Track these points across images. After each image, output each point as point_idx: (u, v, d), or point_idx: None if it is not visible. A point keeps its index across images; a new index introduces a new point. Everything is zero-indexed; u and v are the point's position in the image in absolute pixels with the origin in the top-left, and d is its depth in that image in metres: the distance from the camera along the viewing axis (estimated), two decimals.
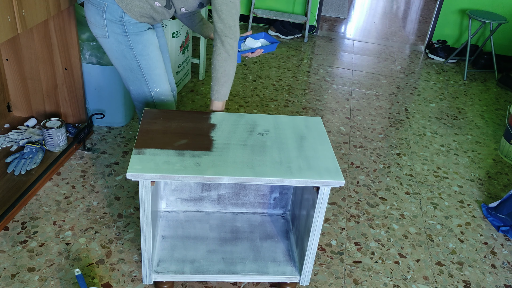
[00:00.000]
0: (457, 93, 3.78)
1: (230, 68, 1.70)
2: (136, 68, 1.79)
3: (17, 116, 2.57)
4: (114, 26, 1.71)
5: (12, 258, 1.81)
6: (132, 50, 1.75)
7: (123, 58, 1.77)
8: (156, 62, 1.81)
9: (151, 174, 1.37)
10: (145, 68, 1.79)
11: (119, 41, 1.74)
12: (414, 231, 2.20)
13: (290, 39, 4.52)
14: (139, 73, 1.81)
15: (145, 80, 1.82)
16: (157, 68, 1.82)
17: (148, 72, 1.81)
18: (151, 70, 1.81)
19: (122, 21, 1.70)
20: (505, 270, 2.04)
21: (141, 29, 1.75)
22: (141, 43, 1.75)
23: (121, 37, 1.73)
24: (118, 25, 1.71)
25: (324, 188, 1.47)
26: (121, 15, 1.69)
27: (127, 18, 1.70)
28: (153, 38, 1.79)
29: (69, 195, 2.16)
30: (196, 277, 1.65)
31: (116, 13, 1.69)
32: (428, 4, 6.66)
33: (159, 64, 1.82)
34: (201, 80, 3.45)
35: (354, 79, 3.80)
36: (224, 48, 1.66)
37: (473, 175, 2.69)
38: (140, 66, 1.79)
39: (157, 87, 1.85)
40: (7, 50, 2.36)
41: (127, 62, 1.78)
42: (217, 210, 1.95)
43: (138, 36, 1.74)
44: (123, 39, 1.73)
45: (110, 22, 1.70)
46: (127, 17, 1.70)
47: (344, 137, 2.92)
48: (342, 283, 1.87)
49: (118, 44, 1.75)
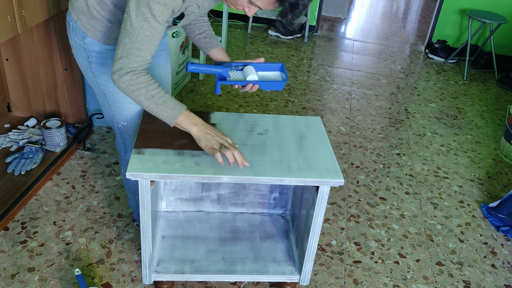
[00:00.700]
0: (457, 93, 3.78)
1: (140, 88, 1.34)
2: (102, 96, 1.58)
3: (17, 116, 2.57)
4: (80, 49, 1.51)
5: (12, 258, 1.81)
6: (96, 78, 1.54)
7: (91, 82, 1.58)
8: (124, 97, 1.54)
9: (150, 173, 1.37)
10: (110, 98, 1.57)
11: (85, 65, 1.54)
12: (414, 231, 2.20)
13: (290, 39, 4.53)
14: (105, 102, 1.60)
15: (111, 110, 1.60)
16: (125, 103, 1.56)
17: (114, 104, 1.58)
18: (118, 104, 1.57)
19: (85, 43, 1.48)
20: (505, 270, 2.04)
21: (108, 60, 1.50)
22: (105, 74, 1.51)
23: (86, 62, 1.53)
24: (82, 49, 1.50)
25: (324, 187, 1.47)
26: (83, 35, 1.47)
27: (89, 40, 1.47)
28: None
29: (69, 195, 2.16)
30: (196, 277, 1.65)
31: (79, 34, 1.48)
32: (428, 4, 6.66)
33: (128, 99, 1.54)
34: (201, 80, 3.45)
35: (354, 79, 3.80)
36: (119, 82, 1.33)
37: (473, 175, 2.69)
38: (105, 95, 1.57)
39: (124, 121, 1.61)
40: (7, 50, 2.36)
41: (95, 87, 1.59)
42: (217, 210, 1.95)
43: (102, 66, 1.51)
44: (87, 65, 1.53)
45: (76, 44, 1.51)
46: (89, 39, 1.47)
47: (344, 137, 2.92)
48: (342, 283, 1.87)
49: (85, 68, 1.55)
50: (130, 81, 1.31)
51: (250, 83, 1.53)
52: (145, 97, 1.34)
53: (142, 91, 1.33)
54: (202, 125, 1.42)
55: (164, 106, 1.36)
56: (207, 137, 1.41)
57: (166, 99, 1.36)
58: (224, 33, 3.63)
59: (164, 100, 1.36)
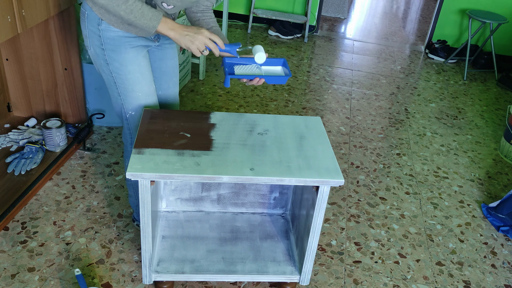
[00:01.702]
0: (457, 93, 3.78)
1: (120, 4, 1.43)
2: (112, 84, 1.65)
3: (17, 116, 2.57)
4: (94, 37, 1.58)
5: (12, 258, 1.81)
6: (108, 65, 1.61)
7: (102, 72, 1.65)
8: (134, 85, 1.63)
9: (150, 173, 1.37)
10: (120, 87, 1.64)
11: (97, 53, 1.61)
12: (414, 231, 2.20)
13: (290, 39, 4.53)
14: (115, 91, 1.66)
15: (121, 100, 1.67)
16: (134, 91, 1.64)
17: (124, 93, 1.65)
18: (127, 92, 1.64)
19: (99, 30, 1.56)
20: (505, 270, 2.04)
21: (121, 46, 1.58)
22: (117, 61, 1.60)
23: (99, 50, 1.60)
24: (97, 36, 1.57)
25: (324, 187, 1.47)
26: (98, 22, 1.55)
27: (104, 26, 1.55)
28: (136, 58, 1.62)
29: (69, 195, 2.16)
30: (196, 277, 1.65)
31: (94, 21, 1.55)
32: (428, 4, 6.66)
33: (137, 87, 1.64)
34: (201, 80, 3.45)
35: (354, 79, 3.80)
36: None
37: (473, 175, 2.69)
38: (116, 83, 1.64)
39: (133, 111, 1.68)
40: (7, 50, 2.36)
41: (105, 76, 1.65)
42: (217, 210, 1.95)
43: (114, 53, 1.59)
44: (100, 52, 1.60)
45: (91, 32, 1.58)
46: (104, 25, 1.55)
47: (344, 137, 2.92)
48: (342, 283, 1.87)
49: (97, 57, 1.62)
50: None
51: (257, 77, 1.58)
52: (124, 12, 1.44)
53: (122, 6, 1.43)
54: (178, 28, 1.52)
55: (143, 19, 1.46)
56: (185, 38, 1.52)
57: (144, 10, 1.46)
58: (224, 33, 3.63)
59: (142, 12, 1.45)
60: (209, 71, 3.61)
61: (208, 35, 1.52)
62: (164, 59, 1.78)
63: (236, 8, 4.78)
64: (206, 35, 1.52)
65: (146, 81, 1.66)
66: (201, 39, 1.51)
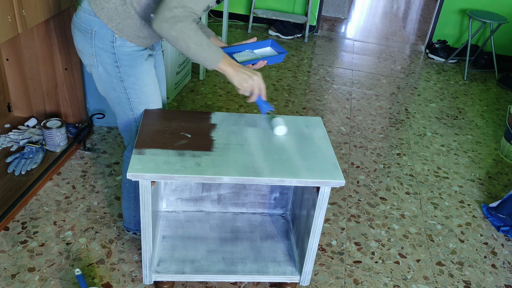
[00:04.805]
0: (457, 93, 3.78)
1: (191, 35, 1.39)
2: (125, 101, 1.60)
3: (17, 116, 2.57)
4: (104, 55, 1.51)
5: (13, 258, 1.81)
6: (123, 82, 1.55)
7: (111, 90, 1.58)
8: (150, 97, 1.62)
9: (151, 174, 1.37)
10: (135, 102, 1.60)
11: (108, 72, 1.53)
12: (414, 231, 2.20)
13: (290, 39, 4.53)
14: (127, 107, 1.61)
15: (133, 115, 1.63)
16: (150, 103, 1.63)
17: (138, 107, 1.62)
18: (142, 105, 1.62)
19: (113, 47, 1.49)
20: (506, 270, 2.04)
21: (136, 60, 1.54)
22: (133, 76, 1.55)
23: (111, 68, 1.53)
24: (109, 53, 1.50)
25: (325, 188, 1.47)
26: (111, 39, 1.48)
27: (119, 42, 1.49)
28: (150, 69, 1.59)
29: (69, 195, 2.16)
30: (196, 277, 1.65)
31: (106, 39, 1.48)
32: (428, 4, 6.66)
33: (152, 99, 1.63)
34: (201, 80, 3.45)
35: (354, 79, 3.80)
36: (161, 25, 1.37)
37: (473, 175, 2.69)
38: (130, 99, 1.59)
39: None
40: (7, 50, 2.36)
41: (116, 94, 1.59)
42: (217, 210, 1.95)
43: (131, 68, 1.54)
44: (113, 70, 1.53)
45: (100, 50, 1.50)
46: (119, 41, 1.49)
47: (344, 137, 2.92)
48: (342, 283, 1.87)
49: (107, 75, 1.54)
50: (183, 28, 1.37)
51: (261, 61, 1.66)
52: (194, 44, 1.40)
53: (193, 38, 1.40)
54: (235, 65, 1.52)
55: (210, 51, 1.44)
56: (241, 75, 1.52)
57: (210, 43, 1.44)
58: (224, 33, 3.63)
59: (209, 45, 1.44)
60: (210, 71, 3.61)
61: (262, 81, 1.55)
62: (157, 66, 1.76)
63: (236, 8, 4.78)
64: (261, 80, 1.55)
65: (157, 91, 1.66)
66: (257, 80, 1.53)
